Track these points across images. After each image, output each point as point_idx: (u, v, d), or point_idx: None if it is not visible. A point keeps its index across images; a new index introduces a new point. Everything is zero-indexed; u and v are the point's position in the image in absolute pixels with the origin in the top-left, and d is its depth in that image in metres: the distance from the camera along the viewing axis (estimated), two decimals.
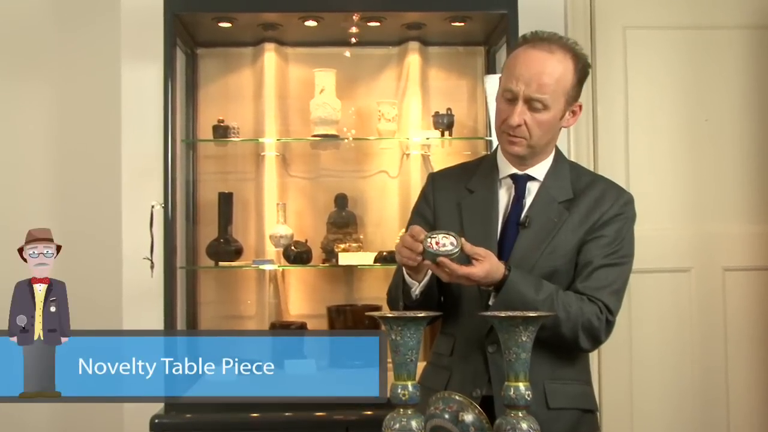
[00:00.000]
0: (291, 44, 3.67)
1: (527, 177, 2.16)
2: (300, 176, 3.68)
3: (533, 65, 2.04)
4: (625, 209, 2.16)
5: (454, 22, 3.37)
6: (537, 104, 2.04)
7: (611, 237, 2.11)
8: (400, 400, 1.68)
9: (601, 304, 2.07)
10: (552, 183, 2.16)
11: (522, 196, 2.15)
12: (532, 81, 2.03)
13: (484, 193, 2.18)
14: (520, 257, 2.08)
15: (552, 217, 2.11)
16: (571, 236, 2.10)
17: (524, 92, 2.03)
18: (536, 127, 2.06)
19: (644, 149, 3.70)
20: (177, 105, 3.23)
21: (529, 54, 2.06)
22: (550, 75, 2.03)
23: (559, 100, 2.06)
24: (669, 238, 3.69)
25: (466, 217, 2.15)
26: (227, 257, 3.45)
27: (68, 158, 3.87)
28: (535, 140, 2.08)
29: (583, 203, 2.13)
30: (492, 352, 2.06)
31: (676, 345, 3.67)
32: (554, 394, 2.07)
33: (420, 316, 1.69)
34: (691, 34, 3.72)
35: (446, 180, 2.28)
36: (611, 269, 2.10)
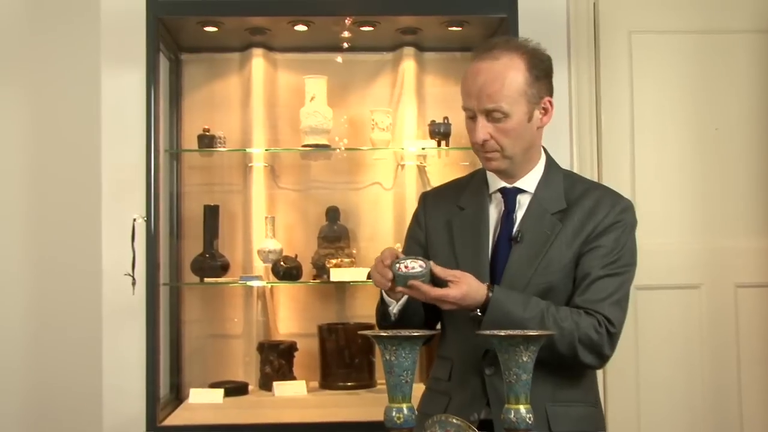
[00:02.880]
0: (280, 50, 3.67)
1: (517, 190, 2.18)
2: (289, 188, 3.68)
3: (479, 77, 2.07)
4: (623, 216, 2.15)
5: (451, 26, 3.37)
6: (496, 114, 2.06)
7: (609, 247, 2.11)
8: (395, 423, 1.67)
9: (601, 317, 2.06)
10: (544, 194, 2.17)
11: (512, 210, 2.16)
12: (481, 93, 2.06)
13: (474, 209, 2.20)
14: (513, 274, 2.09)
15: (545, 230, 2.12)
16: (566, 249, 2.10)
17: (478, 107, 2.07)
18: (504, 137, 2.08)
19: (651, 159, 3.71)
20: (160, 113, 3.22)
21: (475, 67, 2.10)
22: (498, 81, 2.06)
23: (519, 103, 2.08)
24: (678, 252, 3.69)
25: (457, 236, 2.18)
26: (213, 273, 3.44)
27: (45, 169, 3.86)
28: (509, 151, 2.10)
29: (577, 214, 2.13)
30: (489, 374, 2.07)
31: (685, 365, 3.67)
32: (557, 418, 2.06)
33: (415, 335, 1.69)
34: (699, 38, 3.74)
35: (437, 199, 2.32)
36: (611, 279, 2.10)
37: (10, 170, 3.87)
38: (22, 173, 3.87)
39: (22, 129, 3.88)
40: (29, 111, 3.88)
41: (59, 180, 3.85)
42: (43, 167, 3.86)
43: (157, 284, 3.12)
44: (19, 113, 3.88)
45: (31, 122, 3.88)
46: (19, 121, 3.87)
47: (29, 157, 3.87)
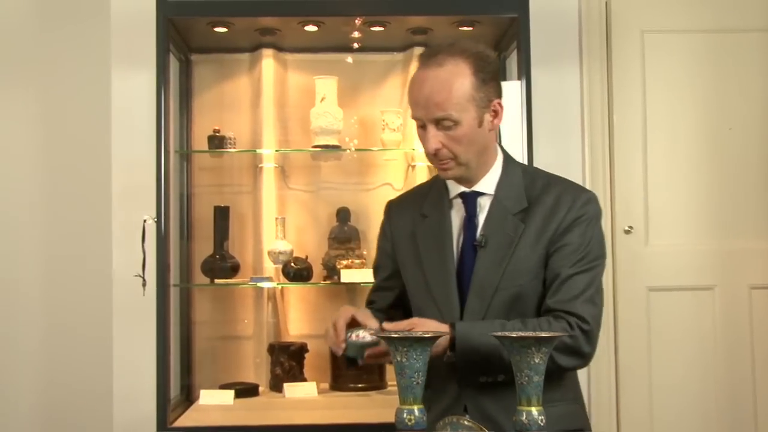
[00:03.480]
0: (290, 50, 3.68)
1: (476, 193, 2.14)
2: (300, 189, 3.68)
3: (425, 86, 2.02)
4: (586, 210, 2.11)
5: (461, 26, 3.37)
6: (446, 122, 2.02)
7: (576, 243, 2.07)
8: (406, 425, 1.67)
9: (573, 318, 2.03)
10: (504, 194, 2.13)
11: (474, 215, 2.13)
12: (429, 103, 2.01)
13: (436, 216, 2.17)
14: (480, 280, 2.07)
15: (508, 232, 2.08)
16: (531, 252, 2.07)
17: (427, 117, 2.03)
18: (456, 145, 2.04)
19: (663, 160, 3.70)
20: (170, 114, 3.23)
21: (420, 76, 2.04)
22: (445, 89, 2.00)
23: (467, 109, 2.02)
24: (690, 254, 3.68)
25: (422, 245, 2.16)
26: (223, 274, 3.45)
27: (55, 170, 3.88)
28: (462, 158, 2.06)
29: (538, 212, 2.10)
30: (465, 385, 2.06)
31: (699, 367, 3.66)
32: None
33: (427, 336, 1.69)
34: (712, 37, 3.73)
35: (401, 208, 2.29)
36: (581, 277, 2.06)
37: (21, 171, 3.88)
38: (33, 174, 3.88)
39: (33, 130, 3.89)
40: (40, 112, 3.90)
41: (69, 181, 3.86)
42: (54, 168, 3.88)
43: (167, 285, 3.13)
44: (29, 114, 3.89)
45: (41, 123, 3.89)
46: (29, 122, 3.89)
47: (40, 157, 3.89)
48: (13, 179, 3.88)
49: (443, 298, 2.09)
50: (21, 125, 3.89)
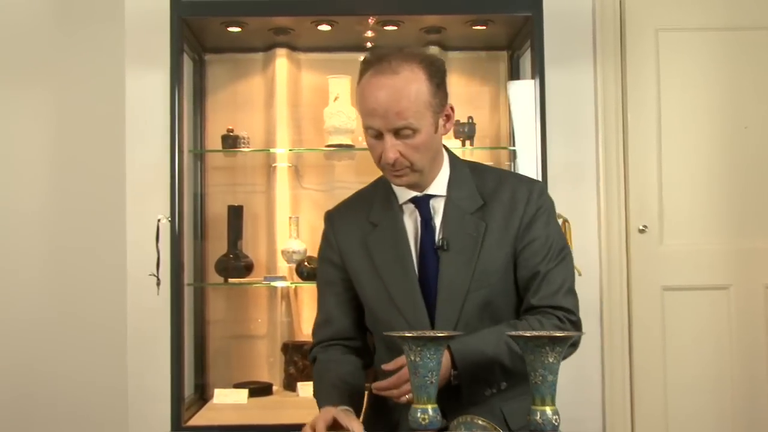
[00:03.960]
0: (304, 50, 3.69)
1: (428, 197, 2.09)
2: (313, 188, 3.69)
3: (381, 94, 1.93)
4: (542, 201, 2.09)
5: (475, 25, 3.38)
6: (405, 131, 1.94)
7: (542, 237, 2.06)
8: (420, 424, 1.67)
9: (560, 312, 2.03)
10: (457, 194, 2.09)
11: (429, 218, 2.08)
12: (388, 112, 1.93)
13: (387, 224, 2.10)
14: (449, 284, 2.02)
15: (470, 233, 2.05)
16: (497, 250, 2.04)
17: (386, 127, 1.94)
18: (414, 153, 1.97)
19: (678, 159, 3.69)
20: (184, 113, 3.25)
21: (376, 83, 1.95)
22: (405, 98, 1.93)
23: (425, 116, 1.96)
24: (705, 253, 3.67)
25: (377, 255, 2.08)
26: (237, 274, 3.46)
27: (70, 169, 3.90)
28: (418, 165, 2.00)
29: (497, 210, 2.07)
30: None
31: (714, 367, 3.65)
32: (512, 415, 2.03)
33: (440, 336, 1.70)
34: (728, 35, 3.71)
35: (345, 218, 2.19)
36: (557, 270, 2.05)
37: (36, 171, 3.90)
38: (47, 174, 3.91)
39: (48, 130, 3.91)
40: (54, 112, 3.92)
41: (84, 180, 3.88)
42: (68, 167, 3.90)
43: (181, 285, 3.15)
44: (44, 114, 3.91)
45: (56, 123, 3.91)
46: (44, 122, 3.91)
47: (54, 157, 3.91)
48: (28, 179, 3.90)
49: (409, 307, 2.03)
50: (36, 125, 3.91)
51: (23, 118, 3.91)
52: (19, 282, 3.88)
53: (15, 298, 3.87)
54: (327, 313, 2.18)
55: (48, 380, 3.84)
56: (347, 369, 2.10)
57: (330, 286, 2.18)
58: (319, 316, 2.21)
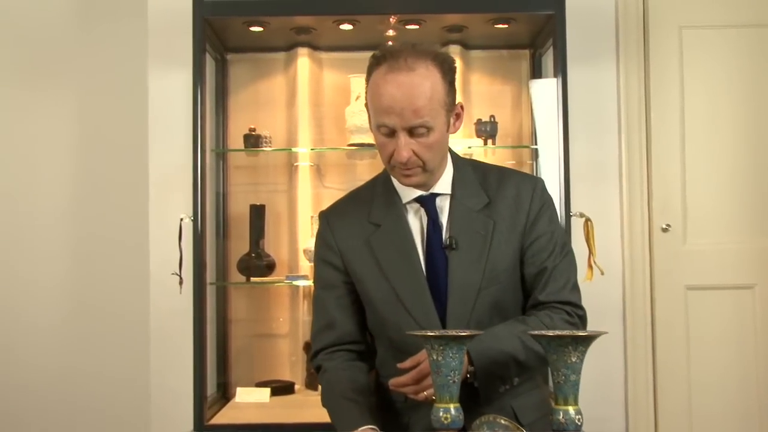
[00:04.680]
0: (325, 49, 3.70)
1: (434, 195, 2.07)
2: (335, 187, 3.69)
3: (398, 92, 1.90)
4: (545, 197, 2.10)
5: (497, 24, 3.37)
6: (420, 130, 1.92)
7: (548, 233, 2.07)
8: (442, 423, 1.67)
9: (568, 307, 2.04)
10: (462, 192, 2.08)
11: (436, 217, 2.06)
12: (404, 110, 1.90)
13: (391, 223, 2.07)
14: (460, 283, 2.01)
15: (478, 230, 2.04)
16: (506, 247, 2.03)
17: (401, 125, 1.92)
18: (427, 152, 1.96)
19: (702, 157, 3.66)
20: (206, 113, 3.26)
21: (391, 80, 1.92)
22: (422, 96, 1.91)
23: (440, 115, 1.95)
24: (729, 252, 3.65)
25: (382, 255, 2.05)
26: (259, 273, 3.47)
27: (93, 169, 3.93)
28: (430, 164, 1.99)
29: (503, 207, 2.07)
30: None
31: (738, 367, 3.62)
32: (522, 410, 2.04)
33: (463, 335, 1.69)
34: (752, 32, 3.69)
35: (344, 218, 2.15)
36: (562, 265, 2.06)
37: (59, 170, 3.94)
38: (70, 173, 3.94)
39: (71, 130, 3.95)
40: (77, 112, 3.95)
41: (107, 180, 3.91)
42: (91, 167, 3.93)
43: (203, 284, 3.16)
44: (67, 114, 3.95)
45: (79, 123, 3.95)
46: (67, 122, 3.95)
47: (77, 157, 3.94)
48: (51, 178, 3.93)
49: (418, 307, 2.01)
50: (59, 125, 3.94)
51: (47, 118, 3.94)
52: (42, 281, 3.91)
53: (39, 297, 3.91)
54: (328, 317, 2.13)
55: (71, 378, 3.87)
56: (360, 379, 2.07)
57: (330, 289, 2.13)
58: (320, 320, 2.15)
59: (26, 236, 3.92)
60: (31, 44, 3.95)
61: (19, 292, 3.91)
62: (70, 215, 3.92)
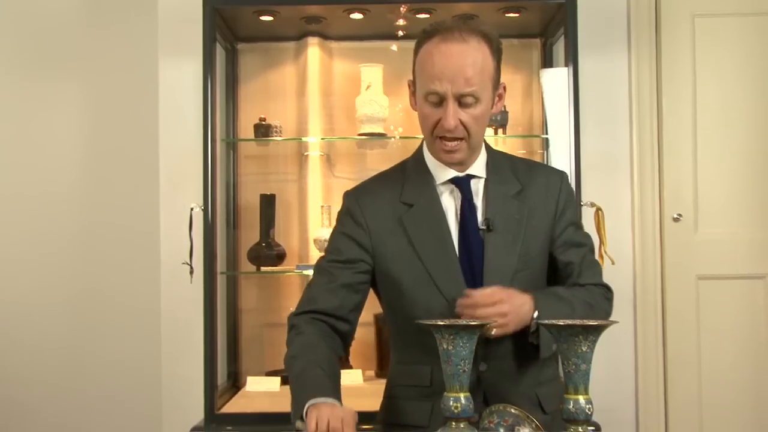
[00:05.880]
0: (335, 38, 3.69)
1: (470, 177, 2.10)
2: (345, 177, 3.69)
3: (453, 60, 1.95)
4: (569, 188, 2.19)
5: (508, 12, 3.35)
6: (468, 99, 1.96)
7: (575, 222, 2.16)
8: (452, 412, 1.67)
9: (602, 288, 2.13)
10: (496, 177, 2.11)
11: (471, 198, 2.08)
12: (456, 77, 1.94)
13: (425, 203, 2.08)
14: (496, 264, 2.03)
15: (513, 214, 2.07)
16: (539, 232, 2.08)
17: (452, 91, 1.95)
18: (473, 123, 1.99)
19: (714, 146, 3.65)
20: (217, 103, 3.26)
21: (444, 49, 1.96)
22: (473, 65, 1.95)
23: (488, 88, 2.00)
24: (741, 242, 3.63)
25: (414, 234, 2.06)
26: (269, 262, 3.48)
27: (104, 159, 3.94)
28: (474, 138, 2.02)
29: (535, 194, 2.11)
30: (484, 370, 2.01)
31: (749, 357, 3.61)
32: (546, 398, 2.06)
33: (473, 324, 1.69)
34: (765, 20, 3.66)
35: (372, 197, 2.14)
36: (589, 253, 2.16)
37: (70, 160, 3.95)
38: (82, 164, 3.95)
39: (82, 120, 3.96)
40: (88, 101, 3.96)
41: (118, 170, 3.92)
42: (102, 157, 3.94)
43: (214, 273, 3.16)
44: (78, 104, 3.96)
45: (89, 112, 3.96)
46: (78, 112, 3.96)
47: (88, 147, 3.95)
48: (63, 169, 3.95)
49: (449, 287, 2.01)
50: (70, 115, 3.96)
51: (58, 108, 3.96)
52: (54, 271, 3.93)
53: (50, 286, 3.93)
54: (330, 286, 2.09)
55: (83, 367, 3.89)
56: (336, 355, 2.07)
57: (344, 263, 2.10)
58: (319, 286, 2.10)
59: (37, 226, 3.93)
60: (41, 35, 3.96)
61: (30, 281, 3.92)
62: (81, 205, 3.94)
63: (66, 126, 3.95)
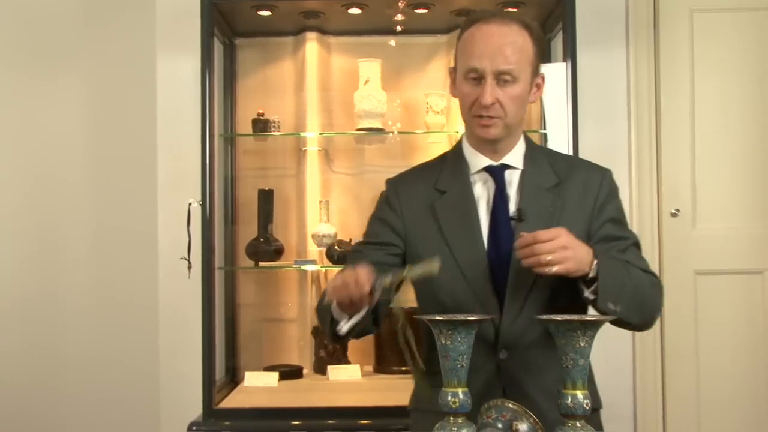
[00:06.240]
0: (334, 33, 3.69)
1: (504, 166, 2.12)
2: (343, 172, 3.70)
3: (494, 39, 2.03)
4: (613, 186, 2.17)
5: (506, 8, 3.34)
6: (506, 77, 2.02)
7: (616, 217, 2.13)
8: (450, 408, 1.68)
9: (651, 275, 2.08)
10: (532, 170, 2.13)
11: (504, 188, 2.10)
12: (496, 54, 2.01)
13: (457, 191, 2.12)
14: None
15: (546, 206, 2.07)
16: (572, 226, 2.02)
17: (491, 67, 2.01)
18: (510, 103, 2.04)
19: (712, 142, 3.65)
20: (215, 98, 3.25)
21: (486, 29, 2.05)
22: (513, 45, 2.03)
23: (526, 71, 2.05)
24: (738, 237, 3.63)
25: (444, 220, 2.09)
26: (267, 257, 3.48)
27: (102, 155, 3.93)
28: (510, 117, 2.05)
29: (572, 188, 2.11)
30: (504, 358, 2.02)
31: (747, 352, 3.62)
32: None
33: (471, 319, 1.70)
34: (764, 15, 3.66)
35: (409, 184, 2.21)
36: (633, 246, 2.12)
37: (68, 156, 3.94)
38: (79, 159, 3.94)
39: (80, 115, 3.95)
40: (86, 97, 3.95)
41: (116, 165, 3.92)
42: (100, 153, 3.94)
43: (212, 268, 3.16)
44: (76, 99, 3.95)
45: (88, 108, 3.95)
46: (76, 108, 3.95)
47: (86, 143, 3.95)
48: (62, 164, 3.94)
49: (474, 274, 2.04)
50: (69, 111, 3.95)
51: (56, 104, 3.95)
52: (51, 265, 3.93)
53: (49, 281, 3.92)
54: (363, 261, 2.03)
55: (81, 362, 3.89)
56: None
57: (377, 245, 2.17)
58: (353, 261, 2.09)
59: (35, 221, 3.93)
60: (39, 30, 3.95)
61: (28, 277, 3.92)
62: (79, 201, 3.93)
63: (64, 121, 3.94)
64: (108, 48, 3.92)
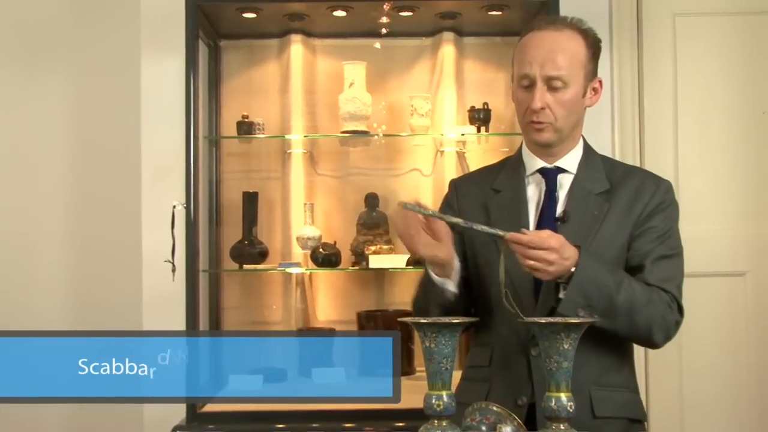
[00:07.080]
0: (319, 36, 3.68)
1: (558, 170, 2.17)
2: (328, 175, 3.69)
3: (544, 45, 2.09)
4: (667, 197, 2.17)
5: (490, 11, 3.36)
6: (556, 82, 2.07)
7: (661, 228, 2.12)
8: (435, 411, 1.68)
9: (670, 296, 2.08)
10: (585, 175, 2.17)
11: (554, 190, 2.15)
12: (546, 60, 2.07)
13: (511, 190, 2.19)
14: None
15: (592, 210, 2.11)
16: (617, 231, 2.09)
17: (541, 73, 2.07)
18: (560, 108, 2.09)
19: (695, 145, 3.66)
20: (199, 100, 3.24)
21: (538, 36, 2.11)
22: (563, 50, 2.08)
23: (578, 76, 2.10)
24: (722, 239, 3.65)
25: (495, 218, 2.14)
26: (252, 260, 3.47)
27: (86, 156, 3.92)
28: (561, 123, 2.10)
29: (623, 194, 2.13)
30: (535, 355, 2.04)
31: (730, 354, 3.63)
32: (601, 402, 2.06)
33: (455, 322, 1.69)
34: (746, 19, 3.68)
35: (468, 185, 2.31)
36: (669, 261, 2.12)
37: (51, 157, 3.92)
38: (64, 161, 3.93)
39: (64, 117, 3.93)
40: (70, 98, 3.93)
41: (100, 167, 3.90)
42: (84, 154, 3.92)
43: (196, 271, 3.15)
44: (60, 100, 3.93)
45: (72, 110, 3.93)
46: (60, 108, 3.93)
47: (69, 144, 3.93)
48: (45, 166, 3.92)
49: (518, 271, 2.02)
50: (53, 112, 3.93)
51: (40, 105, 3.93)
52: (34, 267, 3.90)
53: (31, 283, 3.90)
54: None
55: None
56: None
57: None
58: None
59: (17, 222, 3.90)
60: (23, 30, 3.93)
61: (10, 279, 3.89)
62: (62, 203, 3.91)
63: (48, 122, 3.92)
64: (92, 49, 3.91)
